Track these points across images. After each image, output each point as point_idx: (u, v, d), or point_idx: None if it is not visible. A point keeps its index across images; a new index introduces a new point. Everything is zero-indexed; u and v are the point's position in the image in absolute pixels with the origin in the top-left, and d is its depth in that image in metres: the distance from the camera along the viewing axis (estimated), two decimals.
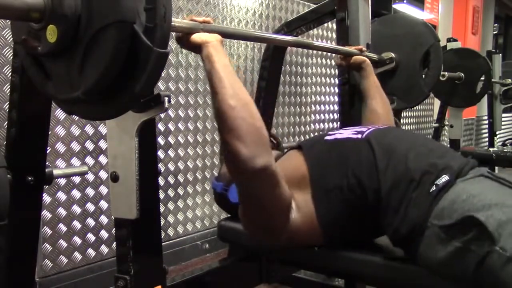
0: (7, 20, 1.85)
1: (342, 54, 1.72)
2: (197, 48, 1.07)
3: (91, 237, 2.20)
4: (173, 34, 1.06)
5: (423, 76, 2.09)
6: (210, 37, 1.06)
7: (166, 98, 0.93)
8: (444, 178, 1.04)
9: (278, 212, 1.12)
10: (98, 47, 0.71)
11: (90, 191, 2.17)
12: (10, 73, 1.14)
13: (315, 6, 1.98)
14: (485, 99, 4.10)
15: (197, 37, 1.05)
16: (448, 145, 3.93)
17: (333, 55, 3.67)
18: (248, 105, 1.04)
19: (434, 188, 1.04)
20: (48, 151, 1.22)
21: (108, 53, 0.70)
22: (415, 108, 4.83)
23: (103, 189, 2.21)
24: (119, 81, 0.74)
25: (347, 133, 1.24)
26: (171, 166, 2.57)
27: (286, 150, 1.75)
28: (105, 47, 0.70)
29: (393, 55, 2.01)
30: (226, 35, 1.18)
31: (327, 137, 1.25)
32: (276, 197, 1.09)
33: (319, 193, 1.15)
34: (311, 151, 1.22)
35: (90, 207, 2.18)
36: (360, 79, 1.71)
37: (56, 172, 1.24)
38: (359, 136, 1.20)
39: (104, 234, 2.25)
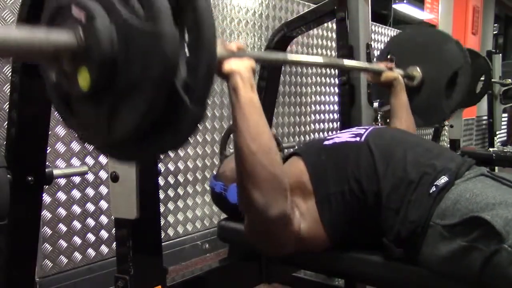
0: (8, 20, 1.85)
1: (371, 72, 1.68)
2: (226, 77, 1.03)
3: (91, 237, 2.20)
4: None
5: (446, 97, 1.94)
6: (239, 65, 1.01)
7: None
8: (443, 179, 1.04)
9: (286, 240, 1.13)
10: (132, 100, 0.64)
11: (90, 191, 2.17)
12: (10, 73, 1.14)
13: (315, 6, 1.98)
14: (485, 99, 4.10)
15: (227, 66, 1.01)
16: (448, 145, 3.93)
17: (333, 55, 3.67)
18: (270, 151, 1.02)
19: (434, 189, 1.04)
20: (48, 151, 1.22)
21: (141, 107, 0.63)
22: None
23: (103, 189, 2.21)
24: (148, 133, 0.68)
25: (345, 136, 1.23)
26: (171, 166, 2.57)
27: (286, 151, 1.75)
28: (139, 101, 0.63)
29: (419, 71, 1.90)
30: (261, 59, 1.14)
31: (326, 142, 1.25)
32: (287, 233, 1.11)
33: (322, 198, 1.15)
34: (311, 158, 1.21)
35: (90, 207, 2.18)
36: (390, 97, 1.67)
37: (56, 172, 1.24)
38: (358, 139, 1.19)
39: (104, 234, 2.25)
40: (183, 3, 0.64)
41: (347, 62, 1.59)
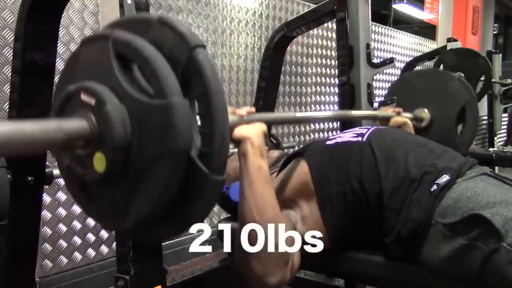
0: (7, 20, 1.85)
1: (380, 119, 1.69)
2: (236, 143, 1.04)
3: (91, 237, 2.20)
4: None
5: (458, 133, 1.93)
6: (250, 131, 1.03)
7: None
8: (445, 178, 1.04)
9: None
10: (150, 177, 0.63)
11: None
12: (10, 73, 1.14)
13: (315, 6, 1.98)
14: (485, 99, 4.10)
15: (237, 132, 1.03)
16: None
17: (334, 55, 3.67)
18: (273, 221, 1.02)
19: (435, 187, 1.04)
20: (48, 151, 1.22)
21: (160, 184, 0.63)
22: None
23: None
24: (170, 209, 0.67)
25: (348, 136, 1.23)
26: None
27: (286, 151, 1.75)
28: (157, 177, 0.63)
29: (427, 112, 1.89)
30: (271, 121, 1.16)
31: (328, 142, 1.25)
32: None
33: (324, 199, 1.15)
34: (314, 158, 1.21)
35: None
36: None
37: (56, 172, 1.24)
38: (360, 139, 1.19)
39: (104, 234, 2.25)
40: (190, 75, 0.63)
41: (355, 113, 1.63)
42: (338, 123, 2.26)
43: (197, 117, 0.66)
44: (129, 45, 0.64)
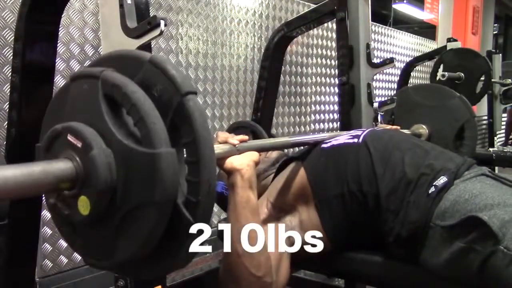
0: (7, 20, 1.85)
1: None
2: (227, 173, 1.04)
3: None
4: None
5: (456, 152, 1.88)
6: (241, 163, 1.03)
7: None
8: (442, 180, 1.04)
9: None
10: (135, 223, 0.63)
11: None
12: (10, 73, 1.14)
13: (315, 6, 1.98)
14: (485, 99, 4.10)
15: (228, 163, 1.02)
16: None
17: (334, 55, 3.67)
18: (255, 256, 1.00)
19: (433, 189, 1.03)
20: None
21: (145, 230, 0.63)
22: None
23: None
24: (154, 252, 0.66)
25: (343, 138, 1.23)
26: None
27: (285, 151, 1.75)
28: (142, 223, 0.63)
29: (425, 128, 1.91)
30: (264, 149, 1.17)
31: (324, 145, 1.24)
32: None
33: (321, 201, 1.15)
34: (309, 161, 1.21)
35: None
36: None
37: None
38: (356, 140, 1.19)
39: None
40: (179, 121, 0.63)
41: None
42: (338, 123, 2.26)
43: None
44: (119, 89, 0.63)
